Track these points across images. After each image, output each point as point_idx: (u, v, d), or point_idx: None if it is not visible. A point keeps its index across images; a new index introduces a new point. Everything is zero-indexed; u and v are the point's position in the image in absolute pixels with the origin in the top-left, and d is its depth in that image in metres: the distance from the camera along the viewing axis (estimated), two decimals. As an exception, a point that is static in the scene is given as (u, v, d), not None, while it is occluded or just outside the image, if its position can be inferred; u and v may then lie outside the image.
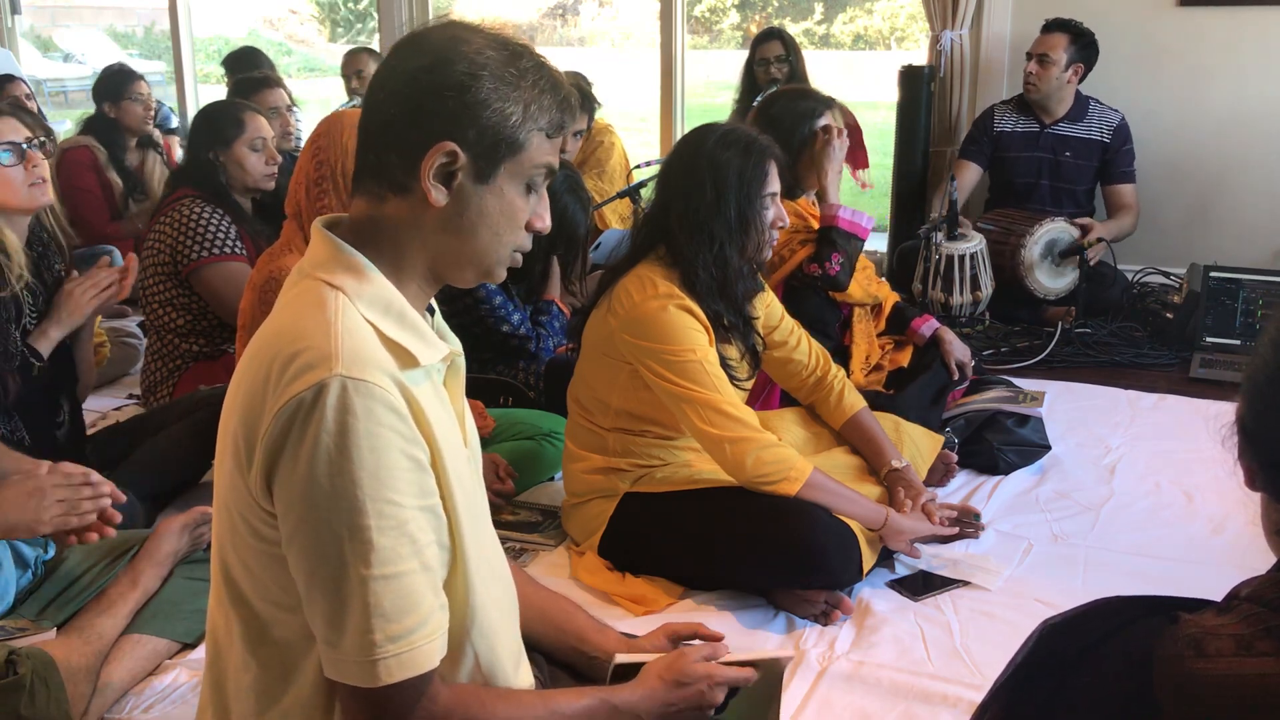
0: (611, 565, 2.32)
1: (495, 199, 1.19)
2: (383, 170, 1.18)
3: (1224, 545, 2.51)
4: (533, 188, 1.22)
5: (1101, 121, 4.29)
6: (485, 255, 1.22)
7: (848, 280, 2.89)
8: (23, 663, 1.70)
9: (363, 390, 1.09)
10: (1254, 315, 3.77)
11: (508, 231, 1.22)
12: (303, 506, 1.09)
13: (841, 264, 2.86)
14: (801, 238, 2.91)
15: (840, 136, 2.90)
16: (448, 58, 1.15)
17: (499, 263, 1.24)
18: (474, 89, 1.14)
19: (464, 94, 1.14)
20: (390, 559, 1.10)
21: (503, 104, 1.16)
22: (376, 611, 1.10)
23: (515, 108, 1.16)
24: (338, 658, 1.13)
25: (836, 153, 2.90)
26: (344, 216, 1.25)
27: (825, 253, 2.85)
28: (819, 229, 2.89)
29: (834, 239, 2.86)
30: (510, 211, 1.21)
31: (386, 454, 1.10)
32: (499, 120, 1.16)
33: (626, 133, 5.25)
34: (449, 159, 1.15)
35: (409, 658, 1.12)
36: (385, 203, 1.19)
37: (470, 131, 1.15)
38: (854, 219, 2.88)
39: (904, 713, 1.90)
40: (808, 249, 2.89)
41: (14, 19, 6.95)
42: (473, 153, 1.16)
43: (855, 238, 2.88)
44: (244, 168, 3.08)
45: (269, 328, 1.18)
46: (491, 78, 1.15)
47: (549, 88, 1.19)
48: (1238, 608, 0.87)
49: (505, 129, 1.16)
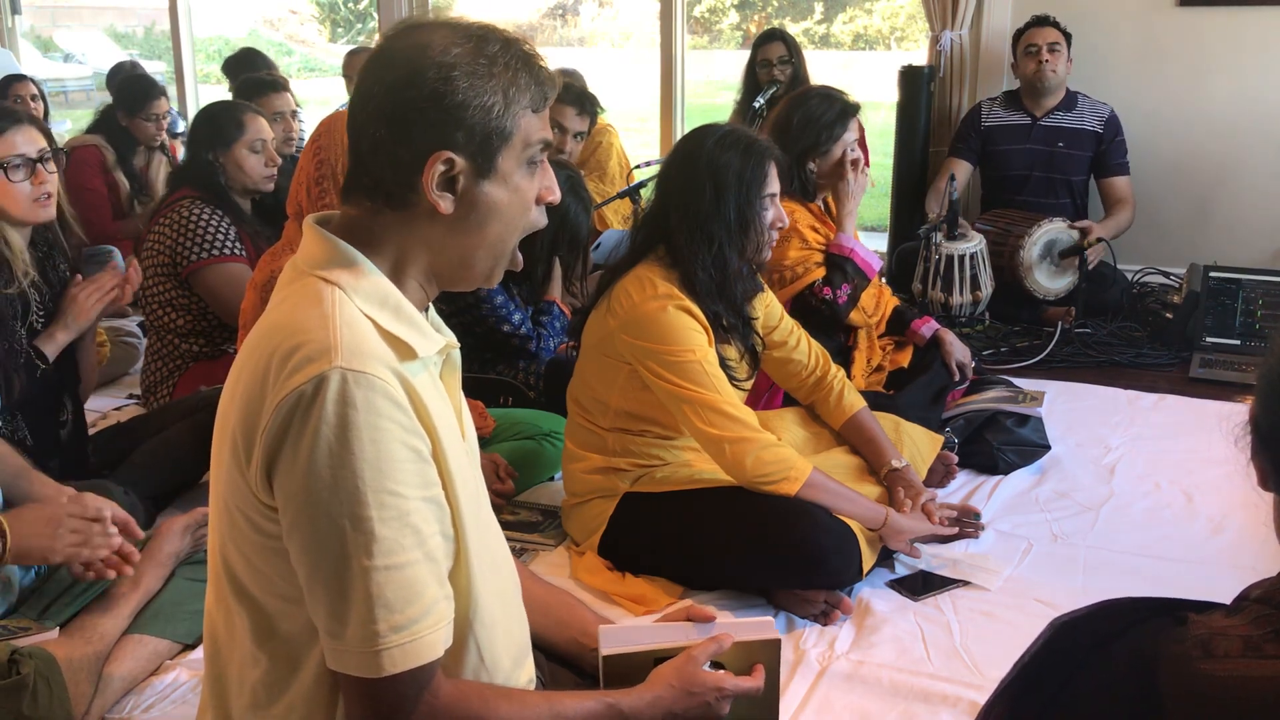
0: (611, 565, 2.32)
1: (501, 189, 1.19)
2: (378, 188, 1.18)
3: (1224, 545, 2.51)
4: (534, 164, 1.22)
5: (1092, 113, 4.32)
6: (500, 245, 1.23)
7: (848, 313, 2.94)
8: (25, 662, 1.71)
9: (363, 382, 1.09)
10: (1254, 315, 3.77)
11: (520, 216, 1.22)
12: (304, 499, 1.09)
13: (849, 295, 2.92)
14: (818, 259, 2.94)
15: (864, 171, 2.96)
16: (417, 68, 1.15)
17: (509, 254, 1.25)
18: (450, 93, 1.14)
19: (442, 101, 1.14)
20: (393, 549, 1.10)
21: (482, 98, 1.15)
22: (379, 602, 1.10)
23: (495, 97, 1.16)
24: (341, 649, 1.13)
25: (855, 188, 2.95)
26: (334, 215, 1.25)
27: (837, 280, 2.91)
28: (833, 256, 2.94)
29: (847, 270, 2.91)
30: (519, 196, 1.21)
31: (387, 445, 1.10)
32: (483, 115, 1.16)
33: (626, 133, 5.25)
34: (447, 167, 1.16)
35: (412, 648, 1.12)
36: (380, 215, 1.19)
37: (459, 135, 1.15)
38: (867, 258, 2.95)
39: (904, 713, 1.90)
40: (823, 270, 2.93)
41: (14, 19, 6.95)
42: (467, 153, 1.16)
43: (864, 275, 2.94)
44: (243, 169, 3.08)
45: (265, 324, 1.19)
46: (464, 75, 1.15)
47: (522, 65, 1.19)
48: (1247, 609, 0.87)
49: (491, 121, 1.16)
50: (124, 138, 4.62)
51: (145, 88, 4.68)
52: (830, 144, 2.92)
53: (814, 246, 2.94)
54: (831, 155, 2.93)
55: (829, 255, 2.94)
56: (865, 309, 3.02)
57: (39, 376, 2.33)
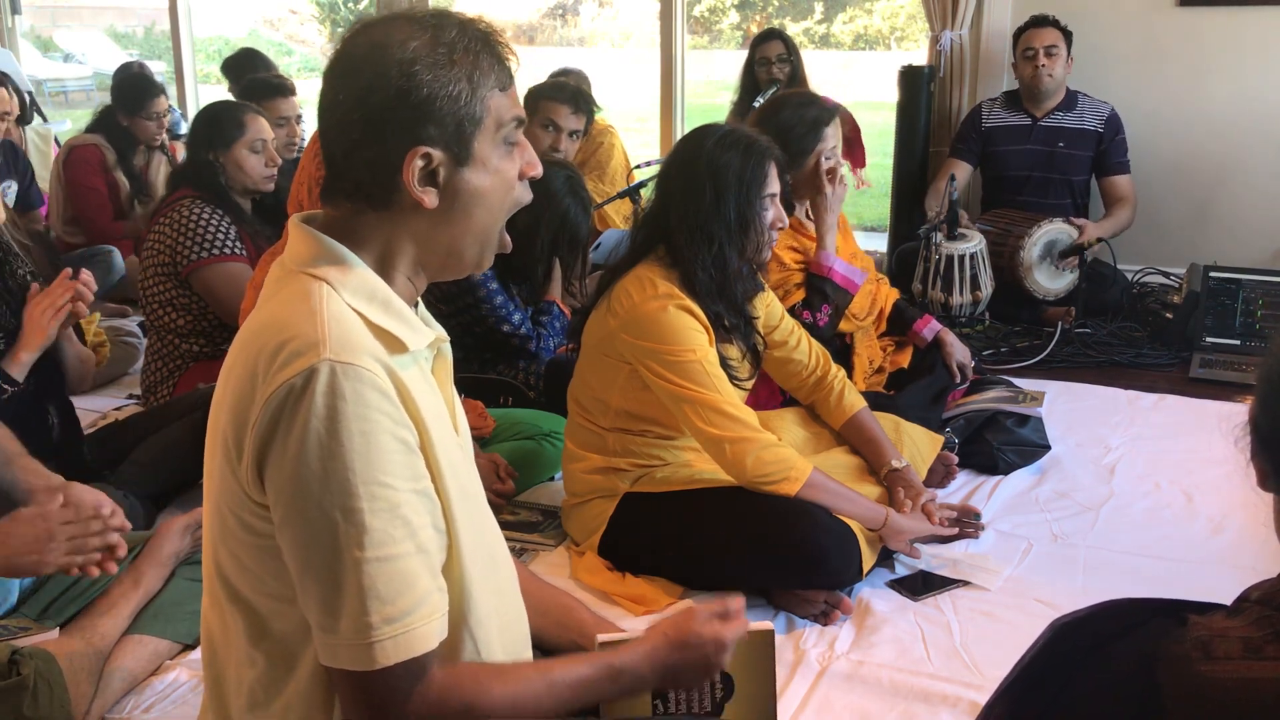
0: (611, 565, 2.32)
1: (482, 174, 1.20)
2: (359, 191, 1.19)
3: (1224, 545, 2.51)
4: (511, 143, 1.22)
5: (1093, 112, 4.31)
6: (487, 230, 1.23)
7: (831, 333, 2.87)
8: (26, 663, 1.71)
9: (351, 374, 1.09)
10: (1254, 315, 3.77)
11: (504, 197, 1.23)
12: (294, 491, 1.09)
13: (830, 316, 2.85)
14: (797, 280, 2.90)
15: (840, 183, 2.86)
16: (379, 69, 1.15)
17: (496, 237, 1.25)
18: (416, 89, 1.14)
19: (409, 98, 1.14)
20: (384, 541, 1.10)
21: (448, 87, 1.16)
22: (372, 594, 1.10)
23: (460, 85, 1.16)
24: (334, 643, 1.12)
25: (834, 200, 2.86)
26: (319, 214, 1.25)
27: (816, 302, 2.84)
28: (812, 276, 2.87)
29: (826, 291, 2.85)
30: (500, 178, 1.22)
31: (377, 436, 1.10)
32: (451, 105, 1.16)
33: (626, 133, 5.25)
34: (425, 162, 1.16)
35: (405, 640, 1.12)
36: (363, 214, 1.20)
37: (431, 128, 1.16)
38: (848, 274, 2.87)
39: (904, 713, 1.90)
40: (803, 293, 2.88)
41: (14, 19, 6.94)
42: (443, 145, 1.17)
43: (846, 293, 2.88)
44: (243, 169, 3.08)
45: (254, 322, 1.19)
46: (426, 68, 1.15)
47: (482, 47, 1.19)
48: (1248, 610, 0.87)
49: (460, 109, 1.17)
50: (124, 137, 4.61)
51: (145, 87, 4.67)
52: (803, 156, 2.82)
53: (792, 268, 2.89)
54: (805, 166, 2.84)
55: (809, 276, 2.88)
56: (856, 315, 2.99)
57: (10, 400, 2.27)
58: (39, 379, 2.38)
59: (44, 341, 2.35)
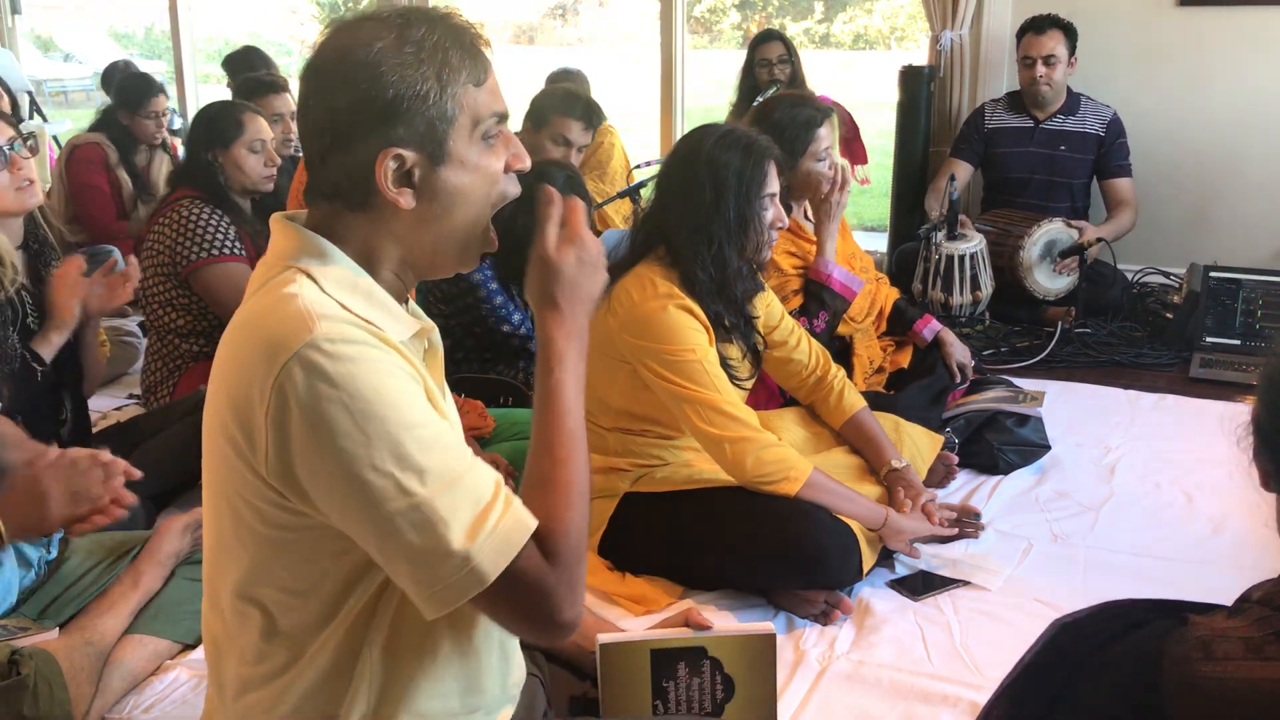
0: (611, 565, 2.32)
1: (460, 172, 1.18)
2: (337, 194, 1.19)
3: (1224, 545, 2.51)
4: (490, 138, 1.21)
5: (1095, 115, 4.30)
6: (471, 227, 1.22)
7: (827, 340, 2.84)
8: (26, 662, 1.71)
9: (346, 335, 1.09)
10: (1254, 315, 3.77)
11: (488, 193, 1.21)
12: (342, 462, 1.07)
13: (827, 322, 2.85)
14: (795, 286, 2.89)
15: (843, 190, 2.85)
16: (343, 73, 1.14)
17: (482, 234, 1.23)
18: (380, 91, 1.13)
19: (375, 102, 1.13)
20: (442, 473, 1.09)
21: (415, 87, 1.14)
22: (455, 522, 1.08)
23: (428, 83, 1.15)
24: (441, 589, 1.10)
25: (836, 209, 2.85)
26: (302, 213, 1.25)
27: (813, 309, 2.84)
28: (810, 283, 2.87)
29: (824, 298, 2.84)
30: (480, 174, 1.20)
31: (392, 379, 1.10)
32: (419, 104, 1.15)
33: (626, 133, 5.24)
34: (398, 163, 1.15)
35: (501, 540, 1.10)
36: (343, 216, 1.20)
37: (400, 130, 1.14)
38: (847, 281, 2.86)
39: (904, 713, 1.90)
40: (800, 299, 2.87)
41: (14, 19, 6.94)
42: (415, 146, 1.15)
43: (843, 299, 2.87)
44: (243, 169, 3.08)
45: (240, 318, 1.19)
46: (391, 69, 1.13)
47: (452, 43, 1.17)
48: (1249, 611, 0.87)
49: (430, 107, 1.15)
50: (125, 136, 4.62)
51: (144, 85, 4.69)
52: (796, 158, 2.79)
53: (790, 274, 2.89)
54: (800, 168, 2.82)
55: (807, 282, 2.88)
56: (854, 317, 2.99)
57: (39, 379, 2.32)
58: (59, 369, 2.40)
59: (71, 321, 2.38)
